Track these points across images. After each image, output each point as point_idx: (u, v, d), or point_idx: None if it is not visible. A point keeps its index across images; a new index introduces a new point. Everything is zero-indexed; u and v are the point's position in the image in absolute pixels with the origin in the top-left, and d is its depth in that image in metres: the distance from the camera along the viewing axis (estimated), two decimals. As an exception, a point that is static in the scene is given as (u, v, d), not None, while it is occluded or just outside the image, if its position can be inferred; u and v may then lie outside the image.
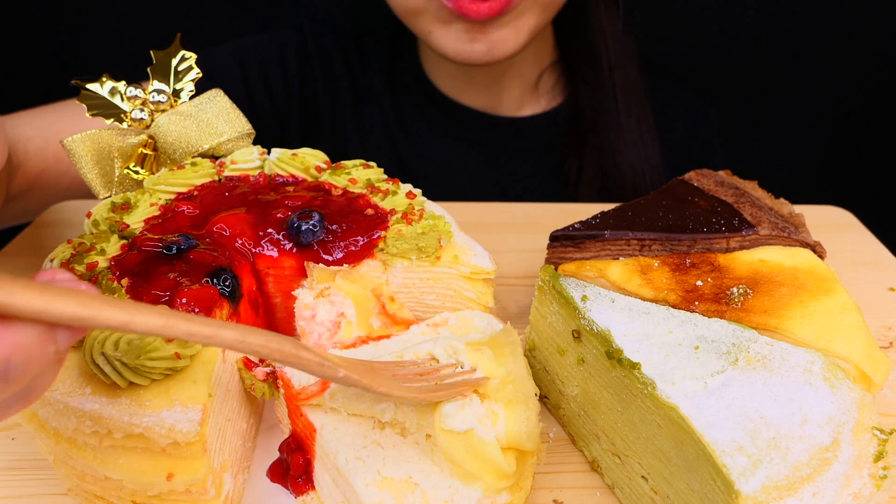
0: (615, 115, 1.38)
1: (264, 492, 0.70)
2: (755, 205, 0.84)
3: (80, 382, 0.60)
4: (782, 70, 1.93)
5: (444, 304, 0.81)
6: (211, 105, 0.90)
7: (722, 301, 0.70)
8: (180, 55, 0.90)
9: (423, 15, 1.19)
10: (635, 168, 1.39)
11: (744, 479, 0.53)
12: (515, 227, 1.16)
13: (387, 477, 0.59)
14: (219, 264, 0.70)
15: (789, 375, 0.61)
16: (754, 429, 0.56)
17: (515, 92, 1.43)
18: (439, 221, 0.78)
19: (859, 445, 0.58)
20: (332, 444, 0.61)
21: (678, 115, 1.50)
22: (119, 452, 0.59)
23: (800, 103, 1.98)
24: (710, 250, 0.78)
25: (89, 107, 0.88)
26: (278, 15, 1.72)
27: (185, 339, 0.44)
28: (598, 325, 0.67)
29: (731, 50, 1.89)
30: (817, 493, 0.55)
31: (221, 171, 0.87)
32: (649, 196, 0.86)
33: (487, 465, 0.58)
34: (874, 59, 1.91)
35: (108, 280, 0.67)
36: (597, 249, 0.79)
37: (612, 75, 1.36)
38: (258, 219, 0.78)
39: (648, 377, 0.61)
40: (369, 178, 0.85)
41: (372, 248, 0.77)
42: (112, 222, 0.76)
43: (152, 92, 0.89)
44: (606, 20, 1.35)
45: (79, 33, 1.72)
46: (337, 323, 0.72)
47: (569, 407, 0.75)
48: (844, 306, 0.70)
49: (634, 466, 0.66)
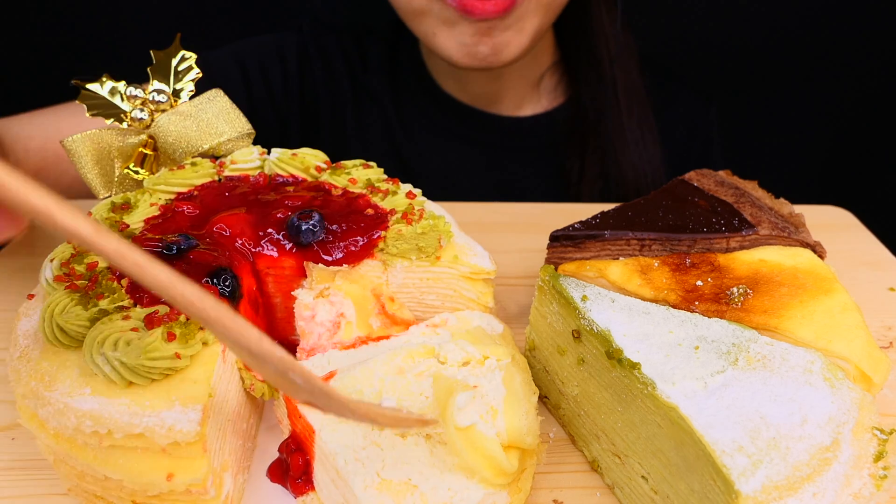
0: (617, 116, 1.38)
1: (264, 492, 0.70)
2: (755, 205, 0.84)
3: (80, 382, 0.60)
4: (782, 70, 1.93)
5: (444, 304, 0.81)
6: (211, 105, 0.90)
7: (722, 301, 0.70)
8: (180, 55, 0.90)
9: (426, 17, 1.19)
10: (637, 168, 1.39)
11: (744, 479, 0.53)
12: (515, 227, 1.16)
13: (386, 479, 0.59)
14: (219, 264, 0.70)
15: (789, 375, 0.61)
16: (754, 429, 0.56)
17: (516, 92, 1.43)
18: (439, 221, 0.78)
19: (859, 445, 0.58)
20: (331, 446, 0.61)
21: (678, 117, 1.50)
22: (119, 452, 0.59)
23: (800, 103, 1.98)
24: (710, 250, 0.78)
25: (89, 107, 0.88)
26: (278, 15, 1.72)
27: (105, 254, 0.41)
28: (598, 325, 0.67)
29: (731, 50, 1.89)
30: (817, 493, 0.55)
31: (221, 171, 0.87)
32: (649, 196, 0.86)
33: (488, 462, 0.58)
34: (874, 59, 1.91)
35: (108, 280, 0.67)
36: (597, 249, 0.79)
37: (614, 75, 1.36)
38: (258, 219, 0.78)
39: (648, 377, 0.61)
40: (369, 178, 0.85)
41: (372, 248, 0.77)
42: (112, 222, 0.76)
43: (152, 92, 0.89)
44: (607, 20, 1.35)
45: (79, 33, 1.72)
46: (336, 323, 0.72)
47: (569, 407, 0.75)
48: (844, 306, 0.70)
49: (634, 466, 0.66)
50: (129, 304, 0.65)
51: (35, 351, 0.64)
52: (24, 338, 0.67)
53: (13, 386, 0.64)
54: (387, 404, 0.63)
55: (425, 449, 0.61)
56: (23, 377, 0.63)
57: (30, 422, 0.62)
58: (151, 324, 0.61)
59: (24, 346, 0.66)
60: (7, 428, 0.75)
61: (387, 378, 0.65)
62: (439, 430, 0.62)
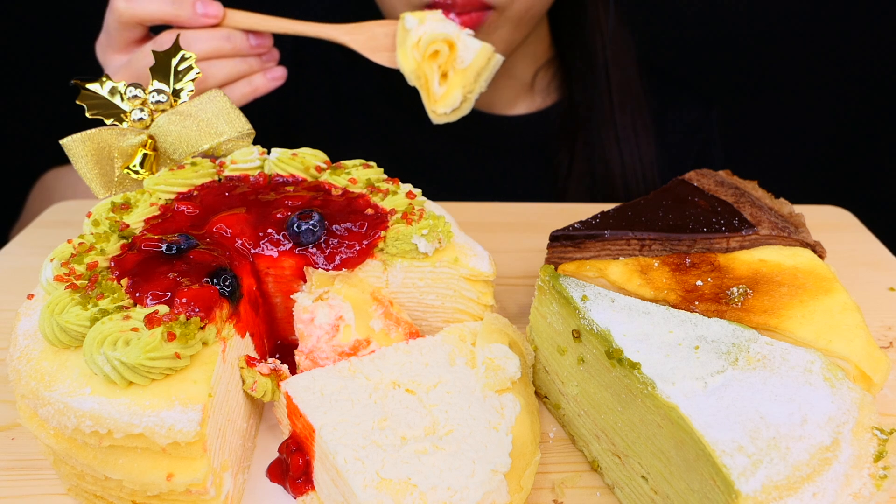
0: (608, 112, 1.37)
1: (264, 492, 0.70)
2: (755, 205, 0.84)
3: (80, 382, 0.60)
4: (782, 70, 1.93)
5: (444, 303, 0.81)
6: (211, 105, 0.90)
7: (722, 301, 0.70)
8: (180, 55, 0.90)
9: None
10: (626, 165, 1.38)
11: (744, 479, 0.53)
12: (515, 227, 1.16)
13: (385, 478, 0.59)
14: (219, 264, 0.70)
15: (789, 375, 0.61)
16: (754, 429, 0.56)
17: (510, 90, 1.43)
18: (439, 221, 0.78)
19: (859, 445, 0.58)
20: (332, 445, 0.61)
21: (679, 120, 1.50)
22: (119, 452, 0.59)
23: (800, 103, 1.98)
24: (710, 250, 0.78)
25: (89, 107, 0.88)
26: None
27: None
28: (598, 324, 0.67)
29: (731, 50, 1.90)
30: (817, 492, 0.55)
31: (221, 171, 0.87)
32: (649, 196, 0.86)
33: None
34: (874, 59, 1.91)
35: (108, 280, 0.67)
36: (597, 249, 0.79)
37: (607, 72, 1.36)
38: (258, 219, 0.78)
39: (648, 377, 0.61)
40: (369, 178, 0.85)
41: (372, 248, 0.77)
42: (112, 222, 0.76)
43: (152, 92, 0.89)
44: (603, 17, 1.34)
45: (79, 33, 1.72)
46: (335, 326, 0.72)
47: (569, 407, 0.75)
48: (844, 306, 0.70)
49: (634, 466, 0.66)
50: (129, 304, 0.65)
51: (35, 351, 0.64)
52: (24, 338, 0.67)
53: (13, 386, 0.64)
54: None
55: (425, 448, 0.61)
56: (23, 377, 0.63)
57: (30, 422, 0.62)
58: (151, 324, 0.61)
59: (24, 346, 0.66)
60: (7, 428, 0.75)
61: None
62: (439, 430, 0.63)
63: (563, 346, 0.73)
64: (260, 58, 1.07)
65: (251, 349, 0.73)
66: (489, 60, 1.03)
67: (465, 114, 1.06)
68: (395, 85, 1.45)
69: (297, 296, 0.75)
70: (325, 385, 0.66)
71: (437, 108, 1.04)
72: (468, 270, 0.79)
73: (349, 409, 0.64)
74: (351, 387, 0.66)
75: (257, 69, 1.07)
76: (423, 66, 1.01)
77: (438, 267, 0.78)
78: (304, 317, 0.73)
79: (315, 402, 0.65)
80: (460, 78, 1.03)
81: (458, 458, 0.61)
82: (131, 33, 1.02)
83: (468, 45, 1.02)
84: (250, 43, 1.04)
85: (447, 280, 0.80)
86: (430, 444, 0.61)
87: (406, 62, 1.02)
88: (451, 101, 1.03)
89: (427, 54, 1.00)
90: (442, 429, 0.63)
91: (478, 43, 1.03)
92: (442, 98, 1.03)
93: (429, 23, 1.01)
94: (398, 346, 0.72)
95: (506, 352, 0.70)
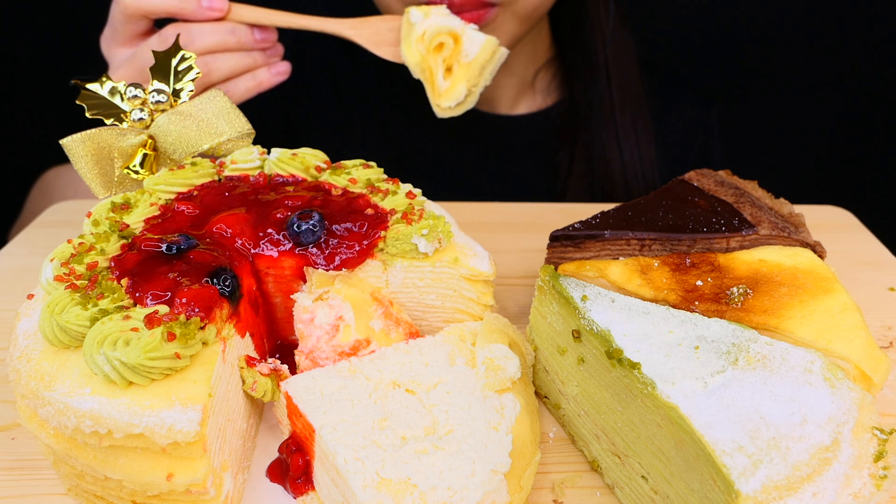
0: (608, 111, 1.37)
1: (264, 492, 0.70)
2: (755, 205, 0.84)
3: (80, 382, 0.60)
4: (782, 70, 1.93)
5: (444, 303, 0.81)
6: (211, 105, 0.90)
7: (722, 301, 0.70)
8: (180, 55, 0.90)
9: None
10: (626, 164, 1.38)
11: (744, 479, 0.53)
12: (515, 227, 1.16)
13: (385, 478, 0.59)
14: (219, 264, 0.70)
15: (789, 375, 0.61)
16: (754, 429, 0.56)
17: (511, 90, 1.43)
18: (439, 221, 0.78)
19: (859, 445, 0.58)
20: (332, 445, 0.61)
21: (679, 120, 1.50)
22: (119, 452, 0.59)
23: (800, 103, 1.98)
24: (710, 250, 0.78)
25: (89, 107, 0.88)
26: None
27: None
28: (598, 324, 0.67)
29: (731, 50, 1.90)
30: (817, 493, 0.55)
31: (221, 170, 0.87)
32: (649, 196, 0.86)
33: None
34: (874, 59, 1.91)
35: (108, 280, 0.67)
36: (597, 249, 0.79)
37: (608, 71, 1.36)
38: (258, 219, 0.78)
39: (648, 377, 0.61)
40: (369, 178, 0.85)
41: (372, 248, 0.77)
42: (112, 222, 0.76)
43: (152, 92, 0.89)
44: (604, 16, 1.35)
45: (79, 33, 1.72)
46: (335, 326, 0.72)
47: (569, 407, 0.75)
48: (844, 306, 0.70)
49: (634, 466, 0.66)
50: (129, 304, 0.65)
51: (35, 351, 0.64)
52: (24, 338, 0.67)
53: (13, 386, 0.64)
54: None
55: (425, 448, 0.61)
56: (23, 377, 0.63)
57: (30, 422, 0.62)
58: (151, 324, 0.61)
59: (24, 346, 0.66)
60: (7, 428, 0.75)
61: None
62: (439, 430, 0.63)
63: (563, 346, 0.73)
64: (264, 52, 1.07)
65: (251, 349, 0.74)
66: (494, 54, 1.03)
67: (470, 107, 1.06)
68: (396, 84, 1.46)
69: (297, 296, 0.75)
70: (325, 385, 0.66)
71: (441, 102, 1.04)
72: (468, 270, 0.79)
73: (349, 409, 0.64)
74: (351, 387, 0.66)
75: (262, 64, 1.07)
76: (428, 58, 1.01)
77: (438, 267, 0.78)
78: (304, 317, 0.73)
79: (315, 402, 0.65)
80: (465, 71, 1.03)
81: (458, 458, 0.61)
82: (136, 26, 1.02)
83: (473, 39, 1.02)
84: (255, 37, 1.04)
85: (447, 280, 0.80)
86: (430, 444, 0.61)
87: (411, 55, 1.02)
88: (456, 94, 1.03)
89: (432, 47, 1.00)
90: (442, 429, 0.63)
91: (482, 36, 1.03)
92: (446, 92, 1.03)
93: (434, 17, 1.01)
94: (398, 346, 0.72)
95: (506, 352, 0.70)
